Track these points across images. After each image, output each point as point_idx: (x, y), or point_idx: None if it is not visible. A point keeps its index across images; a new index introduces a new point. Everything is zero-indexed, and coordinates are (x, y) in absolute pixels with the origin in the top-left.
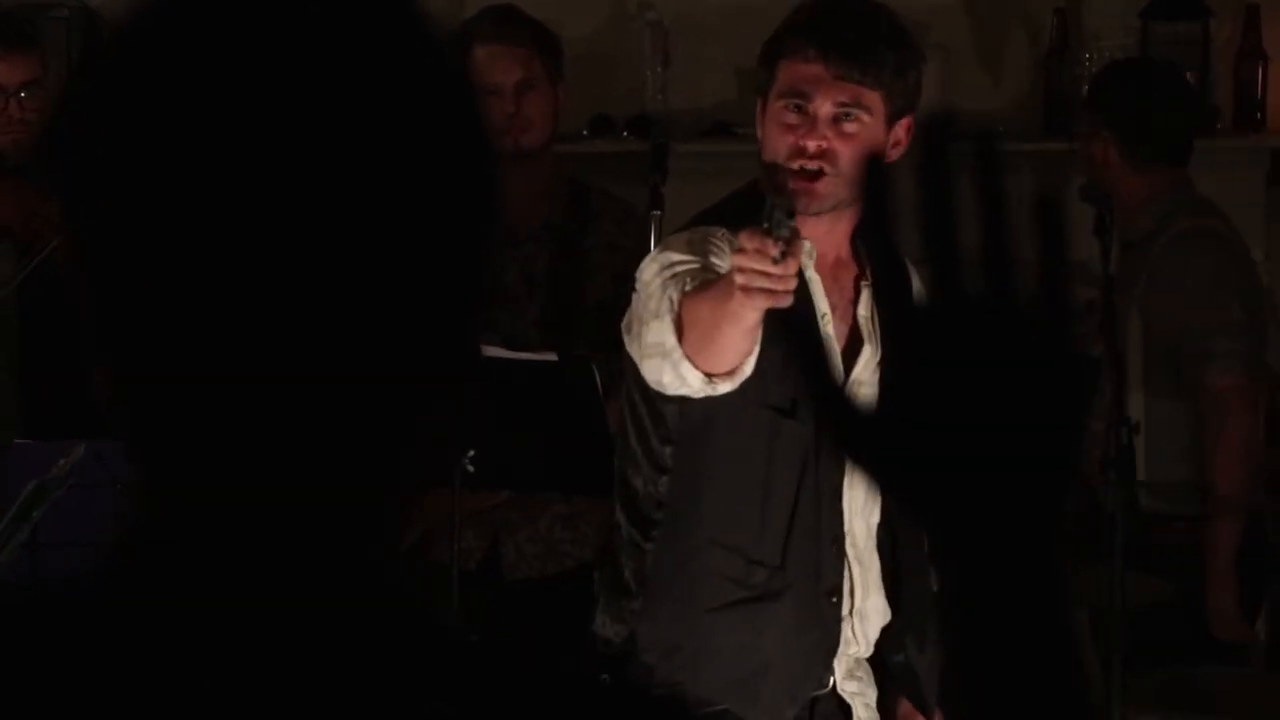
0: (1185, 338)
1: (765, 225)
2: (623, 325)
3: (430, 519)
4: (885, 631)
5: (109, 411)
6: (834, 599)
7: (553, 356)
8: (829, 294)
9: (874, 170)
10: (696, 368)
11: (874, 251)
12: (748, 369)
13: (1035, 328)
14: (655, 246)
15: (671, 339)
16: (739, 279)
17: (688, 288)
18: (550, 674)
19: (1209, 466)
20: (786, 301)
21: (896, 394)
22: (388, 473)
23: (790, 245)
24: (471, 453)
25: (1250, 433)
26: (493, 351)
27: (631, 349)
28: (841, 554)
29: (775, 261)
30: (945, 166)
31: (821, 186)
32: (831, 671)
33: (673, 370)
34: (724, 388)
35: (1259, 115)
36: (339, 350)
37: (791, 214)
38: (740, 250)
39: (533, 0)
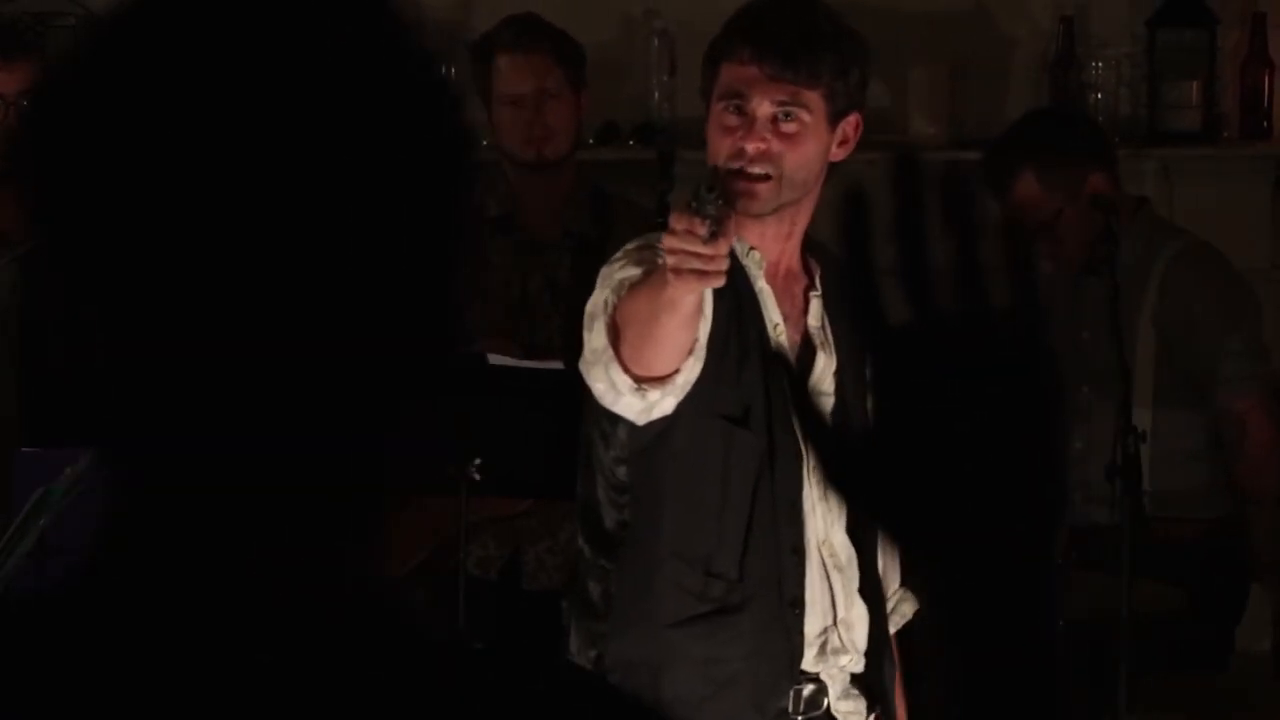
0: (1201, 358)
1: (693, 205)
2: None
3: (450, 527)
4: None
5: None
6: (796, 610)
7: (559, 365)
8: (780, 304)
9: (855, 215)
10: (627, 373)
11: (855, 296)
12: (681, 380)
13: (1009, 340)
14: None
15: (603, 340)
16: (670, 260)
17: (623, 293)
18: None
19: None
20: (719, 282)
21: (882, 419)
22: (365, 468)
23: (720, 225)
24: (478, 461)
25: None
26: (498, 360)
27: (582, 368)
28: (803, 565)
29: (705, 241)
30: (916, 208)
31: (763, 189)
32: (799, 683)
33: (605, 376)
34: (654, 397)
35: (1265, 124)
36: (314, 344)
37: (712, 188)
38: (670, 232)
39: (541, 8)
